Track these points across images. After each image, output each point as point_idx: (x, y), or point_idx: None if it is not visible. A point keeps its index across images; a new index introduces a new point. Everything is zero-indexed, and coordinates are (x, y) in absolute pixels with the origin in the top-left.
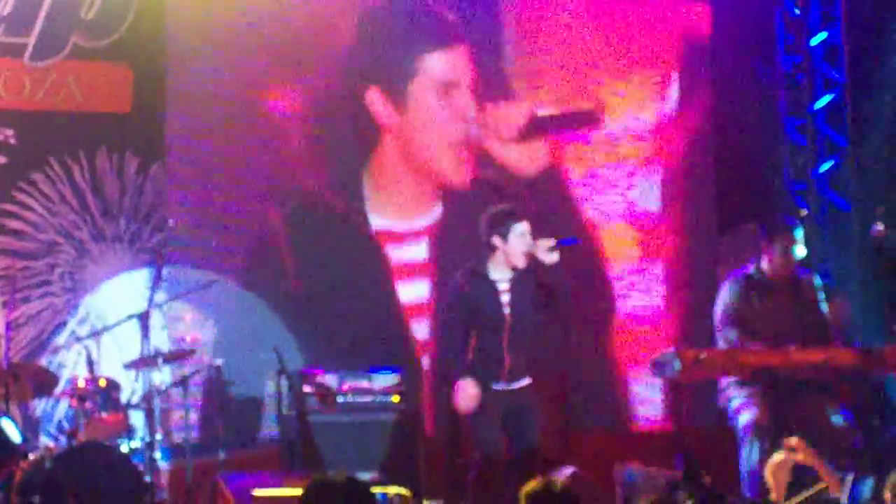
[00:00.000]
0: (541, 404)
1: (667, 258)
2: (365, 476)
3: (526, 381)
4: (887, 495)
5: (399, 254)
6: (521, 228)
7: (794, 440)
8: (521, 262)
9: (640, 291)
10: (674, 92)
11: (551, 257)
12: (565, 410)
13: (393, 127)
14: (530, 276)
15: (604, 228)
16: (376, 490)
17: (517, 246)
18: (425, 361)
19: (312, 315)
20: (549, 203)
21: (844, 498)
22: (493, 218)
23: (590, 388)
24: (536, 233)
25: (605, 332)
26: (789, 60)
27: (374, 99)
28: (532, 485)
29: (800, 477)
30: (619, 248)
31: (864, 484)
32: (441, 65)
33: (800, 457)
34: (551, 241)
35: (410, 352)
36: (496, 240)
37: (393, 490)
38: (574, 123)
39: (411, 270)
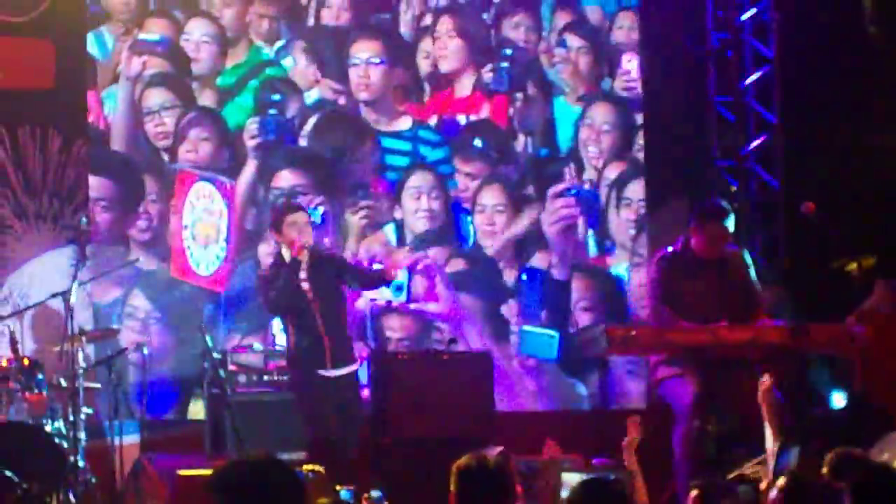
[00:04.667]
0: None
1: None
2: (288, 456)
3: (353, 367)
4: (825, 470)
5: None
6: (292, 219)
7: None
8: (292, 251)
9: None
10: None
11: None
12: (489, 391)
13: None
14: (325, 259)
15: None
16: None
17: (289, 235)
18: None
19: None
20: None
21: (771, 467)
22: (271, 214)
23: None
24: None
25: None
26: (718, 36)
27: None
28: (464, 461)
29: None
30: None
31: (790, 453)
32: None
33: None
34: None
35: None
36: (275, 234)
37: (307, 467)
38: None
39: None
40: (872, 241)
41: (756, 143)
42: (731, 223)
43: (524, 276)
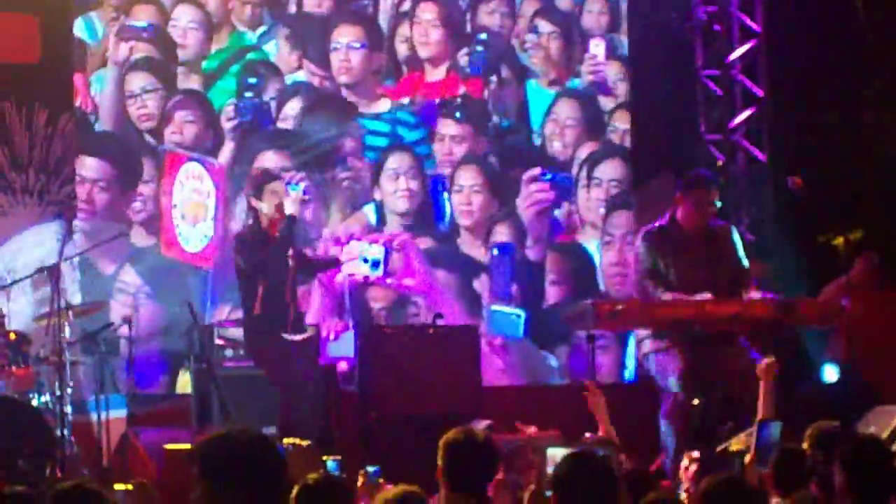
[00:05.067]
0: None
1: None
2: (273, 430)
3: (309, 333)
4: (805, 445)
5: None
6: (273, 187)
7: None
8: (276, 215)
9: None
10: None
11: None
12: (476, 365)
13: None
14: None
15: None
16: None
17: (271, 202)
18: None
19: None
20: None
21: (753, 441)
22: (249, 181)
23: None
24: None
25: None
26: (705, 10)
27: None
28: (452, 435)
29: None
30: None
31: (772, 427)
32: None
33: None
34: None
35: None
36: (253, 201)
37: (288, 440)
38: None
39: None
40: (859, 214)
41: (743, 116)
42: (715, 191)
43: (495, 251)
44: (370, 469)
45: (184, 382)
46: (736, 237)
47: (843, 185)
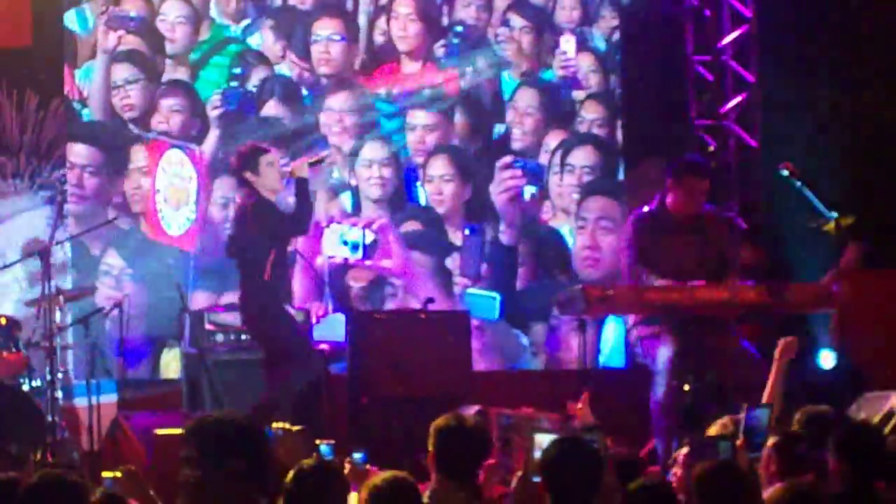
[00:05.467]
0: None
1: None
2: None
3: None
4: (795, 427)
5: None
6: (269, 159)
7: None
8: (278, 186)
9: None
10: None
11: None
12: (467, 350)
13: None
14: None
15: None
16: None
17: (269, 174)
18: None
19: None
20: None
21: (742, 425)
22: (240, 156)
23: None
24: None
25: None
26: None
27: None
28: (443, 420)
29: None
30: None
31: (761, 411)
32: None
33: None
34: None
35: None
36: (248, 175)
37: (278, 425)
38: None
39: None
40: (850, 200)
41: (734, 102)
42: (707, 179)
43: (466, 231)
44: (356, 455)
45: (166, 363)
46: (727, 223)
47: (834, 169)
